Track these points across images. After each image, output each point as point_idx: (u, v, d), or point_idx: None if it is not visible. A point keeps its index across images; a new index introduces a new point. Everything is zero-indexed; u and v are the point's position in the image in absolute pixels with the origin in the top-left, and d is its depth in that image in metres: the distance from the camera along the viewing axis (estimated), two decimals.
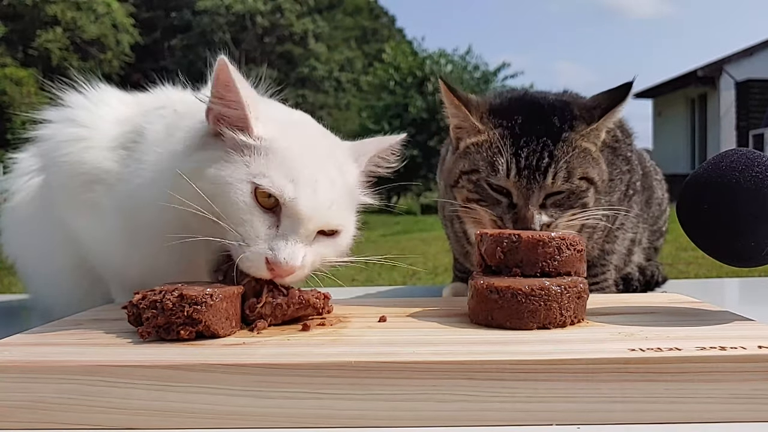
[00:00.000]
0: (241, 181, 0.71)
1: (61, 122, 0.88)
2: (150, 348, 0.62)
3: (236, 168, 0.72)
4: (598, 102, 0.93)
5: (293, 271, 0.71)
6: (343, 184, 0.77)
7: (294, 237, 0.71)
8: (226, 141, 0.73)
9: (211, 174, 0.72)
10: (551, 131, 0.89)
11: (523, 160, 0.87)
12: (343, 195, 0.76)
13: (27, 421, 0.56)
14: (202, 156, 0.74)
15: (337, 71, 24.46)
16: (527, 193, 0.87)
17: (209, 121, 0.75)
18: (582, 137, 0.90)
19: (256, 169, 0.71)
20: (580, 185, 0.89)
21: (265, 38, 23.11)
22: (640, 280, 1.17)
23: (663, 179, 1.24)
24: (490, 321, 0.68)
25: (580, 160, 0.89)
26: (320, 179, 0.73)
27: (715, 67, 12.94)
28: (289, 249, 0.70)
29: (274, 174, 0.71)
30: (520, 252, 0.70)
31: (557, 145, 0.88)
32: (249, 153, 0.73)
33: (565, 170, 0.88)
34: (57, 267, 0.96)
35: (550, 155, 0.88)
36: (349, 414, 0.55)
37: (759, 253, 0.68)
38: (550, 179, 0.87)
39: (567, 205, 0.89)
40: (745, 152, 0.70)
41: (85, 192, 0.83)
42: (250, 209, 0.71)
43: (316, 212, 0.71)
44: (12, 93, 15.24)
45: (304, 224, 0.71)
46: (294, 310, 0.72)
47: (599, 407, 0.55)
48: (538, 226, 0.87)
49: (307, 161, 0.74)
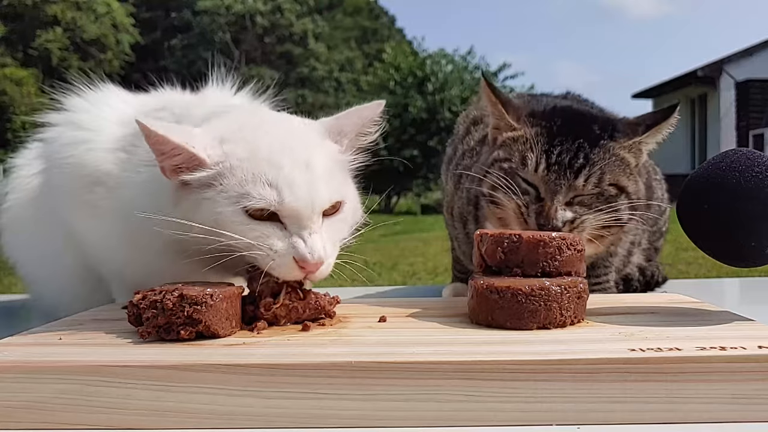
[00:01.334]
0: (230, 212, 0.70)
1: (63, 125, 0.88)
2: (150, 348, 0.62)
3: (217, 202, 0.71)
4: (644, 119, 0.93)
5: (323, 262, 0.71)
6: (319, 157, 0.75)
7: (303, 231, 0.71)
8: (193, 185, 0.72)
9: (201, 219, 0.71)
10: (589, 137, 0.89)
11: (555, 157, 0.87)
12: (325, 167, 0.75)
13: (27, 421, 0.56)
14: (182, 210, 0.73)
15: (337, 71, 24.45)
16: (554, 189, 0.86)
17: (168, 176, 0.73)
18: (622, 148, 0.89)
19: (234, 192, 0.70)
20: (609, 190, 0.88)
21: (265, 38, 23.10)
22: (640, 281, 1.17)
23: (662, 179, 1.24)
24: (490, 321, 0.68)
25: (614, 167, 0.88)
26: (291, 167, 0.71)
27: (715, 67, 12.94)
28: (309, 242, 0.70)
29: (251, 188, 0.70)
30: (520, 252, 0.70)
31: (594, 149, 0.88)
32: (217, 182, 0.71)
33: (598, 175, 0.87)
34: (57, 267, 0.96)
35: (586, 157, 0.87)
36: (349, 414, 0.55)
37: (759, 253, 0.68)
38: (582, 180, 0.86)
39: (594, 206, 0.87)
40: (745, 152, 0.70)
41: (86, 193, 0.84)
42: (254, 227, 0.70)
43: (308, 201, 0.71)
44: (12, 93, 15.24)
45: (305, 216, 0.71)
46: (308, 315, 0.72)
47: (599, 407, 0.55)
48: (561, 222, 0.85)
49: (278, 157, 0.72)
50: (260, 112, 0.85)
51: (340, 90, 24.32)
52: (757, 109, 12.34)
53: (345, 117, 0.82)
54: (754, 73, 12.42)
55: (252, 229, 0.70)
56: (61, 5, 17.88)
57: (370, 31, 29.74)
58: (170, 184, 0.74)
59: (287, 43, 23.40)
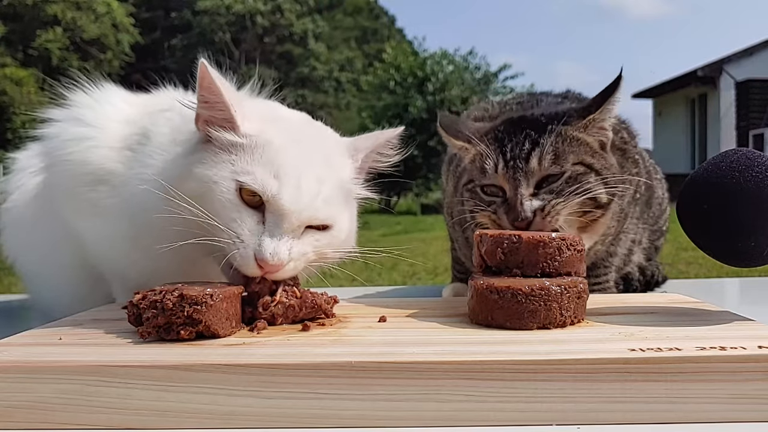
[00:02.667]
0: (226, 180, 0.72)
1: (66, 121, 0.88)
2: (150, 348, 0.62)
3: (222, 167, 0.73)
4: (593, 98, 0.93)
5: (281, 266, 0.71)
6: (333, 178, 0.76)
7: (279, 232, 0.71)
8: (214, 142, 0.74)
9: (198, 174, 0.73)
10: (536, 126, 0.89)
11: (509, 153, 0.87)
12: (333, 189, 0.76)
13: (27, 421, 0.56)
14: (192, 159, 0.75)
15: (337, 71, 24.46)
16: (515, 183, 0.86)
17: (198, 126, 0.76)
18: (577, 130, 0.89)
19: (240, 168, 0.72)
20: (576, 169, 0.87)
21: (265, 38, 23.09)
22: (641, 280, 1.17)
23: (663, 178, 1.24)
24: (490, 321, 0.68)
25: (573, 148, 0.88)
26: (305, 174, 0.73)
27: (715, 67, 12.94)
28: (274, 244, 0.71)
29: (258, 171, 0.72)
30: (520, 253, 0.70)
31: (542, 135, 0.88)
32: (235, 151, 0.74)
33: (552, 153, 0.86)
34: (57, 267, 0.96)
35: (533, 142, 0.87)
36: (349, 414, 0.55)
37: (759, 253, 0.68)
38: (535, 162, 0.86)
39: (566, 192, 0.86)
40: (745, 152, 0.70)
41: (88, 192, 0.83)
42: (236, 207, 0.72)
43: (299, 207, 0.71)
44: (12, 93, 15.23)
45: (288, 219, 0.71)
46: (305, 313, 0.72)
47: (599, 407, 0.55)
48: (530, 212, 0.84)
49: (292, 156, 0.74)
50: (303, 116, 0.87)
51: (340, 90, 24.33)
52: (757, 109, 12.34)
53: (366, 136, 0.86)
54: (754, 73, 12.42)
55: (233, 210, 0.71)
56: (61, 5, 17.87)
57: (370, 31, 29.74)
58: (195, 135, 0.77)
59: (287, 43, 23.40)
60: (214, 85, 0.72)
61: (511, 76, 16.26)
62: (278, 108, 0.86)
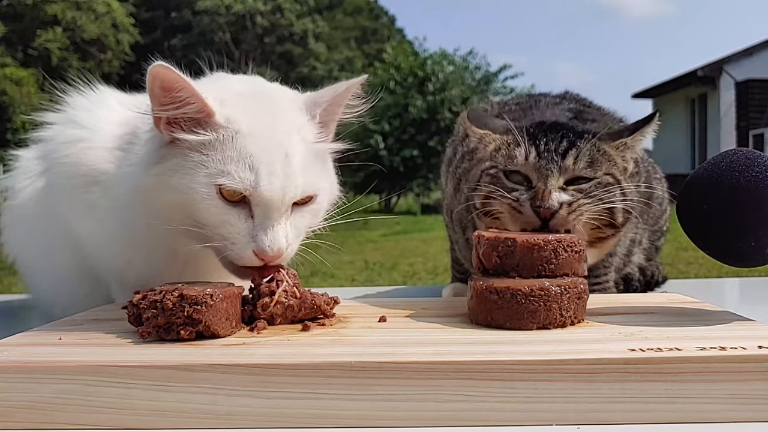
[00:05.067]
0: (204, 185, 0.71)
1: (61, 124, 0.88)
2: (150, 348, 0.62)
3: (196, 172, 0.71)
4: (626, 126, 0.93)
5: (281, 254, 0.72)
6: (301, 146, 0.75)
7: (270, 222, 0.71)
8: (182, 144, 0.72)
9: (174, 184, 0.72)
10: (573, 131, 0.90)
11: (543, 145, 0.87)
12: (305, 157, 0.75)
13: (27, 421, 0.56)
14: (162, 168, 0.73)
15: (337, 71, 24.46)
16: (546, 173, 0.85)
17: (160, 130, 0.74)
18: (610, 147, 0.89)
19: (214, 168, 0.71)
20: (607, 178, 0.87)
21: (265, 38, 23.09)
22: (641, 281, 1.17)
23: (663, 177, 1.24)
24: (490, 321, 0.68)
25: (605, 161, 0.88)
26: (276, 154, 0.72)
27: (715, 67, 12.94)
28: (271, 235, 0.71)
29: (232, 168, 0.71)
30: (515, 256, 0.70)
31: (579, 139, 0.88)
32: (205, 150, 0.72)
33: (587, 157, 0.86)
34: (57, 267, 0.96)
35: (571, 142, 0.87)
36: (349, 414, 0.55)
37: (759, 253, 0.68)
38: (571, 161, 0.85)
39: (594, 196, 0.85)
40: (745, 152, 0.70)
41: (84, 193, 0.84)
42: (221, 210, 0.71)
43: (281, 192, 0.71)
44: (12, 93, 15.22)
45: (275, 206, 0.71)
46: (304, 314, 0.72)
47: (599, 407, 0.55)
48: (557, 203, 0.82)
49: (261, 140, 0.72)
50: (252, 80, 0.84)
51: None
52: (757, 109, 12.33)
53: (323, 90, 0.82)
54: (754, 73, 12.42)
55: (219, 212, 0.71)
56: (61, 5, 17.87)
57: (370, 31, 29.72)
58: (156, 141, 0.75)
59: (287, 43, 23.38)
60: (180, 81, 0.70)
61: (511, 76, 16.27)
62: (229, 82, 0.82)
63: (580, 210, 0.83)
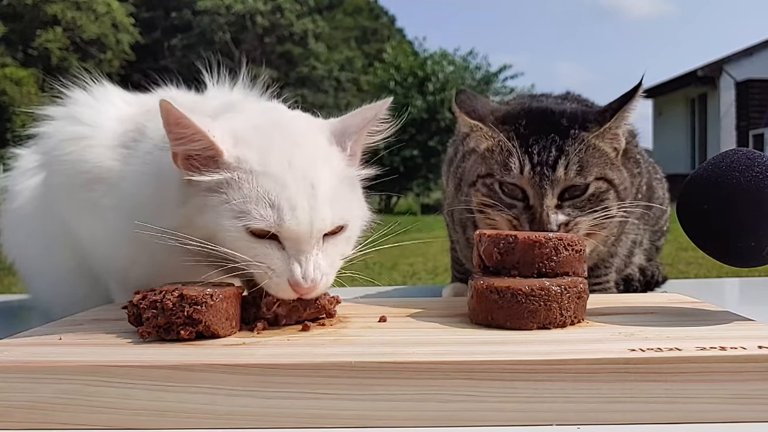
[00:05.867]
0: (232, 225, 0.69)
1: (63, 119, 0.87)
2: (150, 348, 0.62)
3: (221, 212, 0.70)
4: (610, 105, 0.93)
5: (316, 286, 0.70)
6: (327, 176, 0.73)
7: (302, 255, 0.70)
8: (200, 186, 0.71)
9: (200, 223, 0.71)
10: (559, 129, 0.89)
11: (536, 156, 0.87)
12: (335, 188, 0.73)
13: (27, 421, 0.56)
14: (187, 210, 0.72)
15: (337, 71, 24.45)
16: (541, 191, 0.86)
17: (179, 166, 0.72)
18: (596, 137, 0.89)
19: (237, 208, 0.69)
20: (600, 186, 0.88)
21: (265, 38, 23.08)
22: (641, 281, 1.17)
23: (663, 177, 1.24)
24: (490, 321, 0.68)
25: (595, 159, 0.88)
26: (299, 188, 0.70)
27: (715, 67, 12.94)
28: (305, 267, 0.69)
29: (252, 209, 0.69)
30: (516, 253, 0.70)
31: (566, 141, 0.88)
32: (224, 189, 0.70)
33: (577, 164, 0.87)
34: (57, 267, 0.95)
35: (559, 149, 0.87)
36: (349, 414, 0.55)
37: (759, 253, 0.68)
38: (562, 171, 0.86)
39: (588, 208, 0.87)
40: (745, 152, 0.70)
41: (86, 191, 0.83)
42: (255, 244, 0.70)
43: (309, 226, 0.70)
44: (12, 93, 15.22)
45: (304, 240, 0.70)
46: (309, 314, 0.72)
47: (599, 407, 0.55)
48: (555, 225, 0.85)
49: (279, 175, 0.70)
50: (273, 112, 0.82)
51: (340, 90, 24.31)
52: (757, 109, 12.34)
53: (350, 117, 0.80)
54: (754, 73, 12.42)
55: (252, 247, 0.70)
56: (61, 5, 17.86)
57: (370, 31, 29.71)
58: (177, 179, 0.73)
59: (287, 43, 23.38)
60: (182, 118, 0.68)
61: (512, 76, 16.28)
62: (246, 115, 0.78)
63: (578, 228, 0.87)
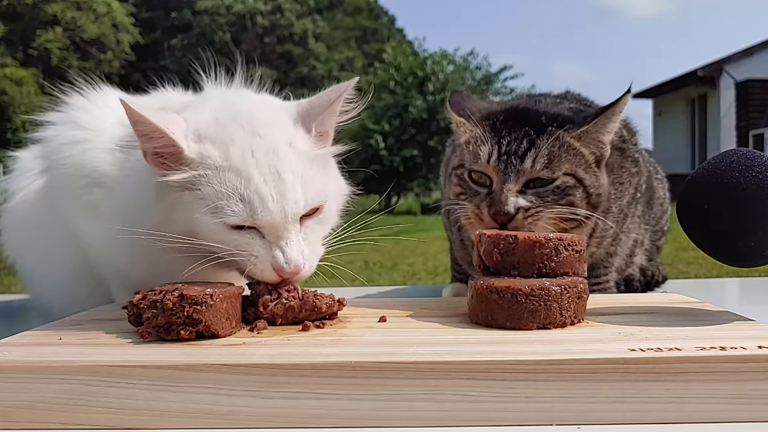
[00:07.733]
0: (210, 220, 0.71)
1: (62, 124, 0.88)
2: (150, 348, 0.62)
3: (196, 207, 0.71)
4: (595, 108, 0.94)
5: (299, 269, 0.72)
6: (296, 159, 0.74)
7: (281, 241, 0.72)
8: (175, 184, 0.72)
9: (179, 218, 0.73)
10: (536, 125, 0.90)
11: (505, 146, 0.88)
12: (303, 170, 0.74)
13: (27, 421, 0.56)
14: (163, 206, 0.73)
15: (337, 71, 24.46)
16: (504, 177, 0.87)
17: (150, 162, 0.73)
18: (573, 137, 0.89)
19: (211, 204, 0.70)
20: (566, 180, 0.88)
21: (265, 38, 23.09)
22: (641, 281, 1.17)
23: (664, 177, 1.24)
24: (490, 321, 0.68)
25: (569, 156, 0.88)
26: (269, 178, 0.71)
27: (715, 67, 12.95)
28: (287, 252, 0.71)
29: (226, 204, 0.70)
30: (516, 253, 0.70)
31: (540, 136, 0.88)
32: (194, 187, 0.71)
33: (546, 157, 0.87)
34: (57, 267, 0.96)
35: (530, 141, 0.88)
36: (349, 414, 0.55)
37: (759, 253, 0.68)
38: (529, 162, 0.87)
39: (551, 200, 0.87)
40: (745, 152, 0.70)
41: (85, 194, 0.83)
42: (234, 236, 0.71)
43: (282, 213, 0.71)
44: (12, 93, 15.23)
45: (280, 227, 0.72)
46: (305, 315, 0.72)
47: (599, 407, 0.55)
48: (513, 207, 0.85)
49: (248, 168, 0.71)
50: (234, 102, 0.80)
51: None
52: (757, 109, 12.34)
53: (316, 98, 0.80)
54: (754, 73, 12.42)
55: (233, 239, 0.72)
56: (61, 5, 17.87)
57: (370, 31, 29.71)
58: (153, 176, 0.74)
59: (287, 43, 23.39)
60: (140, 116, 0.69)
61: (512, 77, 16.28)
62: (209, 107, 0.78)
63: (538, 216, 0.87)
